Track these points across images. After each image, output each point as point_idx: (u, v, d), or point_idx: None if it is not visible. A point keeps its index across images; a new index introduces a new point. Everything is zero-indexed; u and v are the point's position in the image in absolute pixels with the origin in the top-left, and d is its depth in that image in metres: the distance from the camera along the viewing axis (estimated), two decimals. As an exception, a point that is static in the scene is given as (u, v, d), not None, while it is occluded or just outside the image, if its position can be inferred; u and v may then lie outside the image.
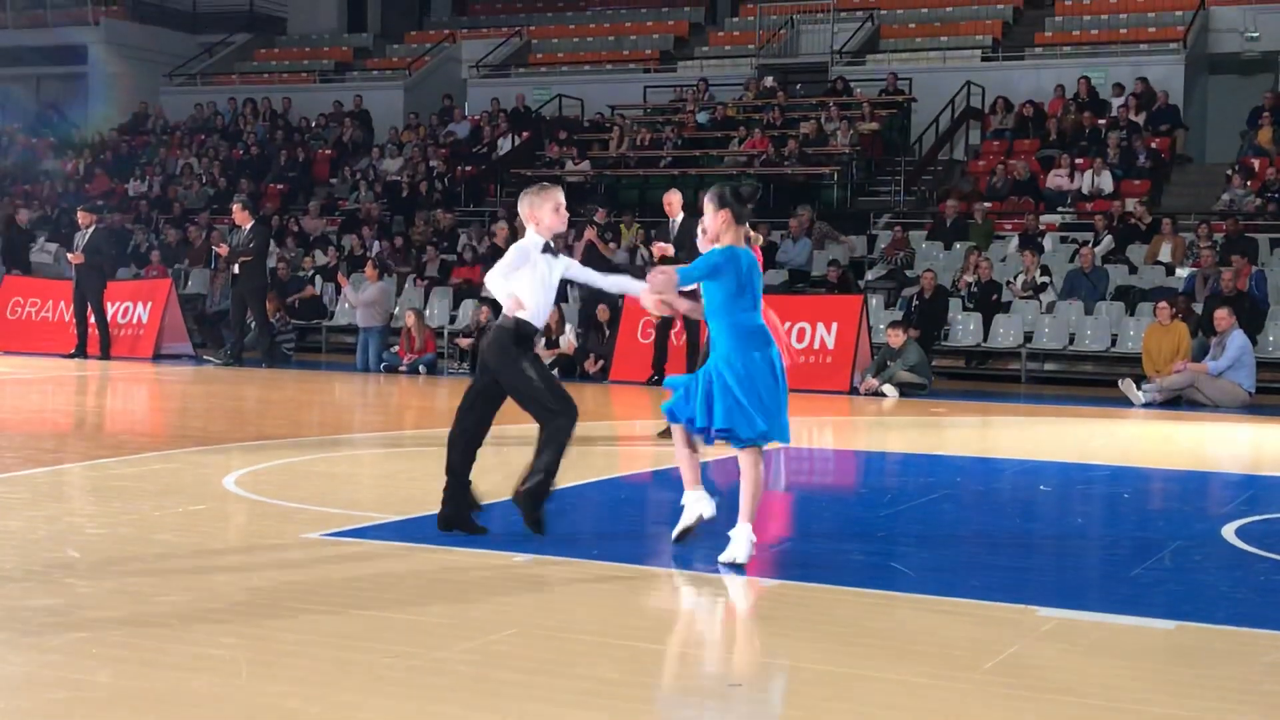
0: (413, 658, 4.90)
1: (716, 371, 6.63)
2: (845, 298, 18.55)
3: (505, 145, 28.72)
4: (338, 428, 12.31)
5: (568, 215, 7.40)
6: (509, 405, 7.32)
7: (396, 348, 19.73)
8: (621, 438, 12.80)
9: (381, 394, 16.76)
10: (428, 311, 21.91)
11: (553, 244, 7.29)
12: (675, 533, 6.91)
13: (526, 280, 7.19)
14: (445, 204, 26.67)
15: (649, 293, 6.99)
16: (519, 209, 7.35)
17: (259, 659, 4.85)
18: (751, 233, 7.51)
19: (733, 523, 6.58)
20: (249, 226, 19.56)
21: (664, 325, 16.77)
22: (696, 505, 6.92)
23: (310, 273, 24.11)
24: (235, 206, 20.18)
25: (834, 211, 23.89)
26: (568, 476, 9.50)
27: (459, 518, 7.27)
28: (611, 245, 20.44)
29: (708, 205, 6.82)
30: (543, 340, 18.91)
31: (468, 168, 28.28)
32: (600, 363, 18.49)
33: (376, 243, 25.02)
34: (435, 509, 7.42)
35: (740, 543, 6.50)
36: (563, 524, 7.73)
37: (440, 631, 5.26)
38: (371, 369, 19.61)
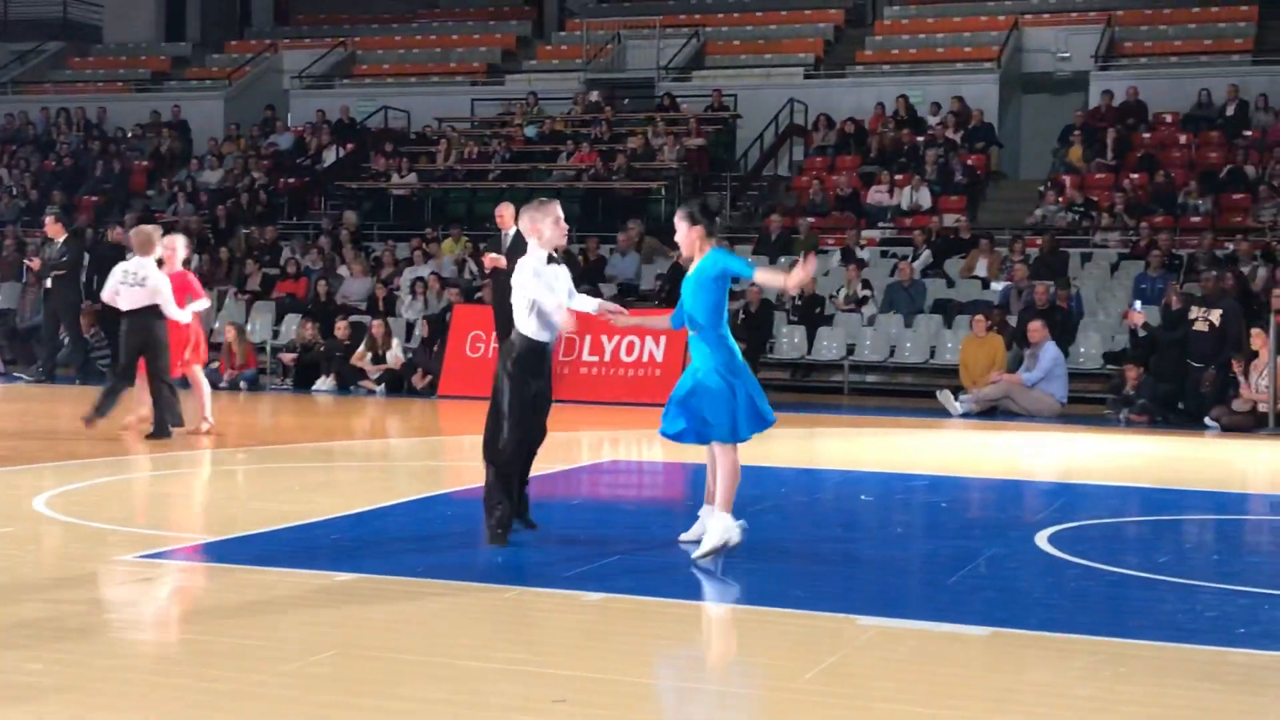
0: (229, 682, 4.79)
1: (728, 379, 7.11)
2: (670, 311, 18.68)
3: (330, 157, 28.34)
4: (155, 446, 12.00)
5: (568, 228, 7.58)
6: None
7: (216, 364, 19.31)
8: (448, 453, 12.70)
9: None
10: (249, 327, 21.49)
11: (555, 254, 7.48)
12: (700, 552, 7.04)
13: (530, 296, 7.40)
14: (267, 217, 26.22)
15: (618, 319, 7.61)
16: (520, 224, 7.52)
17: (68, 685, 4.69)
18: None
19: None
20: (61, 240, 19.00)
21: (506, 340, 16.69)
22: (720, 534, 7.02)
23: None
24: (48, 219, 19.58)
25: (661, 226, 24.03)
26: (390, 495, 9.40)
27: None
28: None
29: (679, 223, 7.14)
30: (369, 355, 18.68)
31: (291, 180, 27.84)
32: (429, 377, 18.34)
33: (196, 256, 24.48)
34: (253, 529, 7.27)
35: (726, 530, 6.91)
36: (386, 542, 7.64)
37: (257, 654, 5.16)
38: (191, 385, 19.15)
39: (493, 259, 16.18)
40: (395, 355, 18.74)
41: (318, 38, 34.14)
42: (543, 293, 7.34)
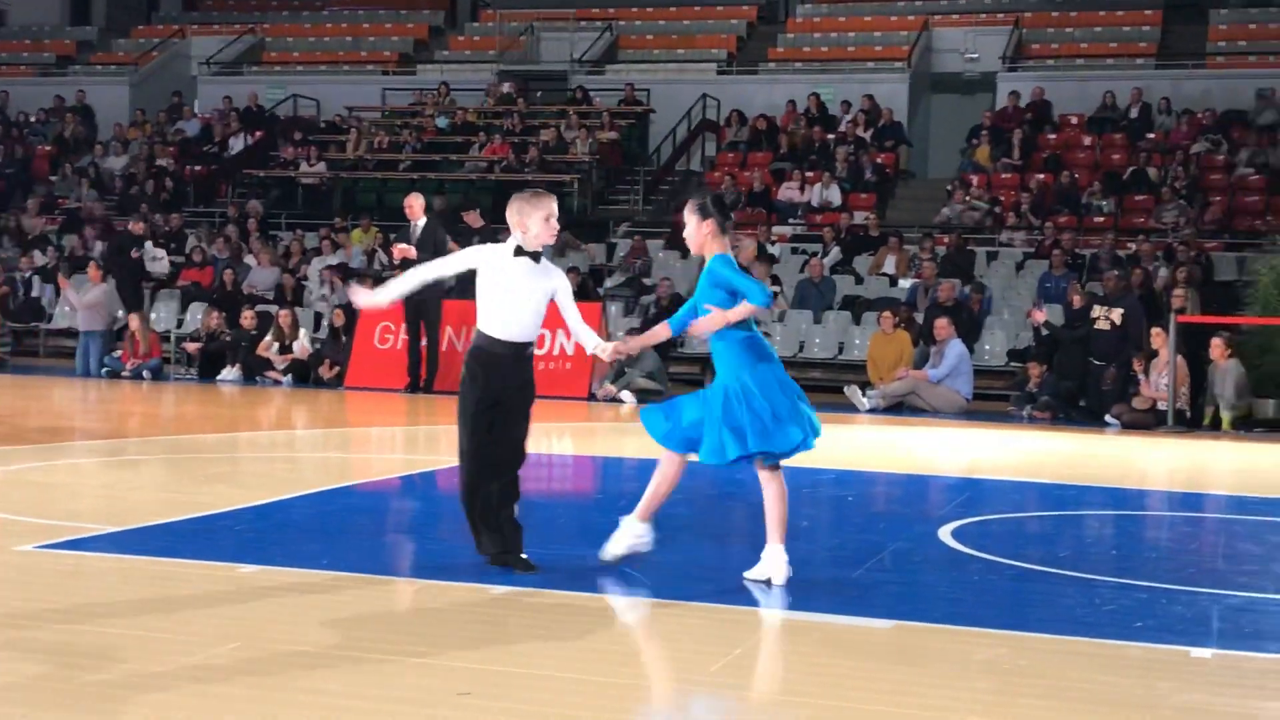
0: (131, 674, 4.72)
1: (738, 390, 6.45)
2: (584, 305, 18.57)
3: (237, 145, 28.02)
4: (56, 435, 11.80)
5: (558, 228, 6.78)
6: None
7: (119, 352, 19.03)
8: (355, 444, 12.60)
9: (103, 400, 16.15)
10: (153, 315, 21.20)
11: (531, 249, 6.70)
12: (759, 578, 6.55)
13: (491, 290, 6.69)
14: (173, 204, 25.86)
15: (700, 329, 6.63)
16: (507, 214, 6.74)
17: (-38, 679, 4.60)
18: (745, 241, 7.30)
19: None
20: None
21: (415, 331, 16.55)
22: (774, 566, 6.51)
23: (28, 274, 23.08)
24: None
25: (574, 219, 24.01)
26: (295, 486, 9.32)
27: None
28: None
29: (689, 216, 6.50)
30: (275, 345, 18.48)
31: (198, 167, 27.49)
32: (336, 368, 18.18)
33: (100, 243, 24.10)
34: (156, 519, 7.16)
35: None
36: (290, 534, 7.56)
37: (160, 646, 5.08)
38: (93, 374, 18.87)
39: (402, 249, 16.10)
40: (302, 345, 18.57)
41: (227, 24, 33.72)
42: (439, 264, 6.75)
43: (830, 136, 25.45)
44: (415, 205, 16.67)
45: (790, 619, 5.82)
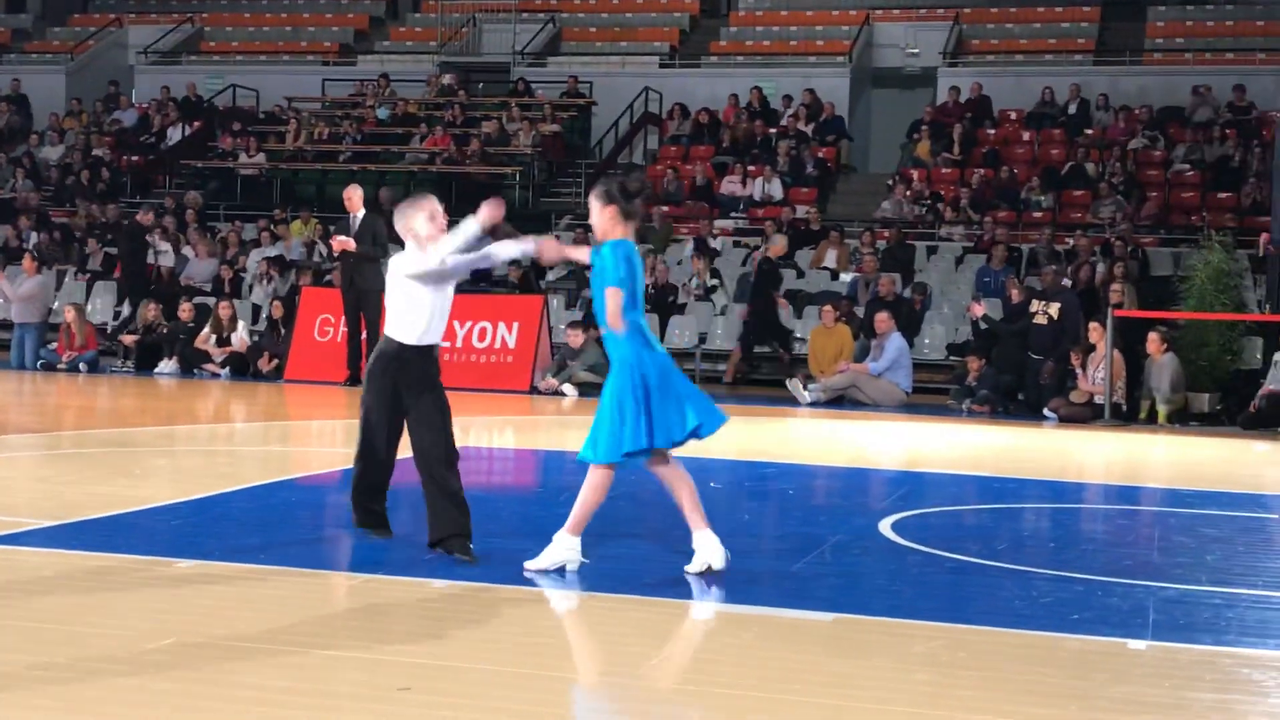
0: (64, 669, 4.67)
1: (635, 382, 6.37)
2: (526, 298, 18.62)
3: (175, 135, 27.76)
4: (-12, 428, 11.66)
5: (445, 221, 6.76)
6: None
7: (55, 344, 18.82)
8: (294, 438, 12.53)
9: (38, 393, 15.97)
10: (90, 307, 20.97)
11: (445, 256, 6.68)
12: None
13: (419, 298, 6.68)
14: (110, 194, 25.58)
15: (544, 252, 6.66)
16: (395, 227, 6.75)
17: (-108, 677, 4.54)
18: (776, 236, 7.07)
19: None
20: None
21: (355, 324, 16.43)
22: (709, 552, 6.47)
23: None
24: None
25: (516, 212, 23.94)
26: (233, 480, 9.25)
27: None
28: None
29: (593, 202, 6.39)
30: (213, 338, 18.33)
31: (135, 157, 27.21)
32: (275, 361, 18.06)
33: (34, 234, 23.81)
34: (91, 514, 7.09)
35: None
36: (228, 528, 7.51)
37: (94, 642, 5.04)
38: (28, 366, 18.65)
39: (341, 241, 16.05)
40: (240, 338, 18.43)
41: (164, 13, 33.38)
42: (426, 258, 6.64)
43: (772, 130, 25.52)
44: (354, 197, 16.58)
45: (729, 612, 5.84)
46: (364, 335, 16.88)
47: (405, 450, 6.93)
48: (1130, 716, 4.65)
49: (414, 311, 6.74)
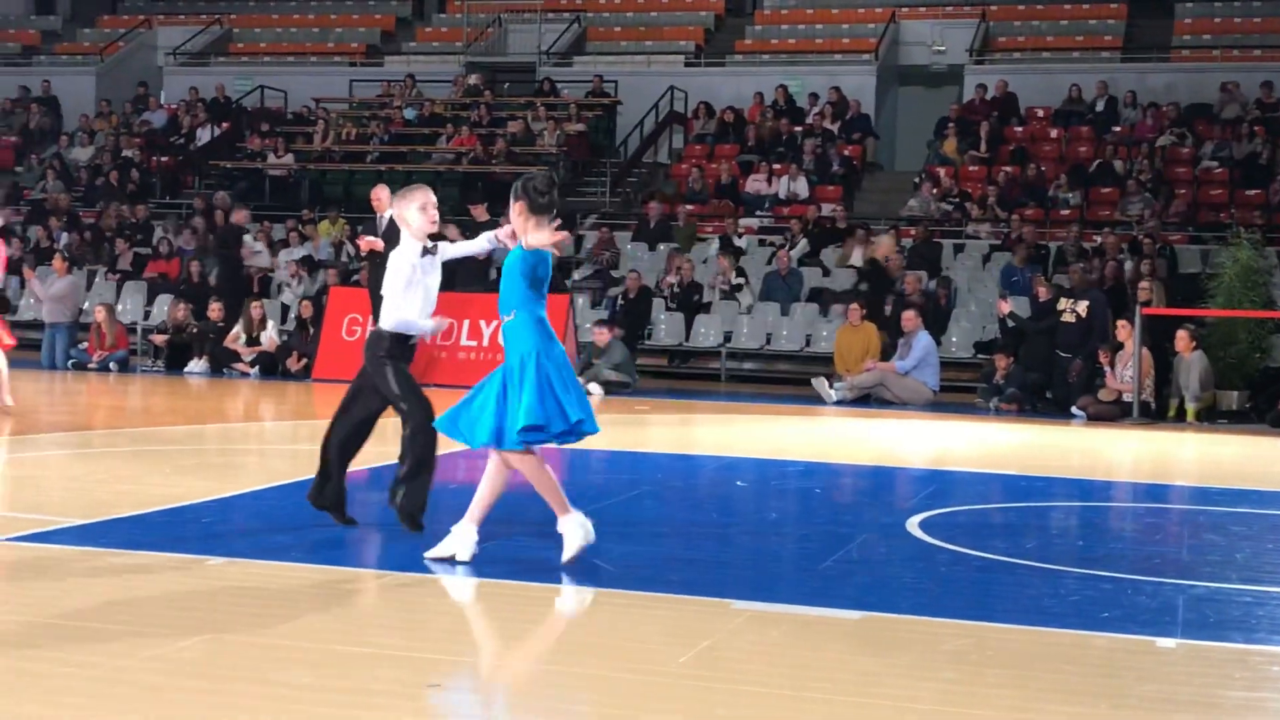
0: (95, 667, 4.70)
1: (526, 367, 6.42)
2: (551, 296, 18.59)
3: (204, 136, 27.87)
4: (22, 427, 11.72)
5: (437, 214, 7.21)
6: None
7: (85, 344, 18.92)
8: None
9: (69, 392, 16.05)
10: (120, 307, 21.07)
11: (429, 246, 7.15)
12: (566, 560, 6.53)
13: (414, 287, 7.14)
14: (140, 195, 25.70)
15: (504, 238, 6.86)
16: (395, 217, 7.22)
17: (-74, 673, 4.57)
18: (883, 237, 7.03)
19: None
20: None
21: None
22: (577, 533, 6.55)
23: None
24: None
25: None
26: (263, 478, 9.27)
27: (333, 502, 7.35)
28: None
29: (512, 200, 6.52)
30: (243, 337, 18.41)
31: (164, 158, 27.33)
32: (304, 360, 18.11)
33: (65, 234, 23.94)
34: (123, 512, 7.13)
35: (464, 541, 6.54)
36: (258, 526, 7.54)
37: (124, 639, 5.06)
38: (59, 366, 18.74)
39: (369, 241, 15.96)
40: (270, 337, 18.49)
41: (193, 14, 33.52)
42: (408, 308, 7.09)
43: (797, 129, 25.47)
44: (382, 197, 16.58)
45: (758, 611, 5.83)
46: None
47: (445, 446, 6.94)
48: (1160, 715, 4.63)
49: (426, 302, 7.19)
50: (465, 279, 17.29)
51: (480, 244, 7.30)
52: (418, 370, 16.92)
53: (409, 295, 7.14)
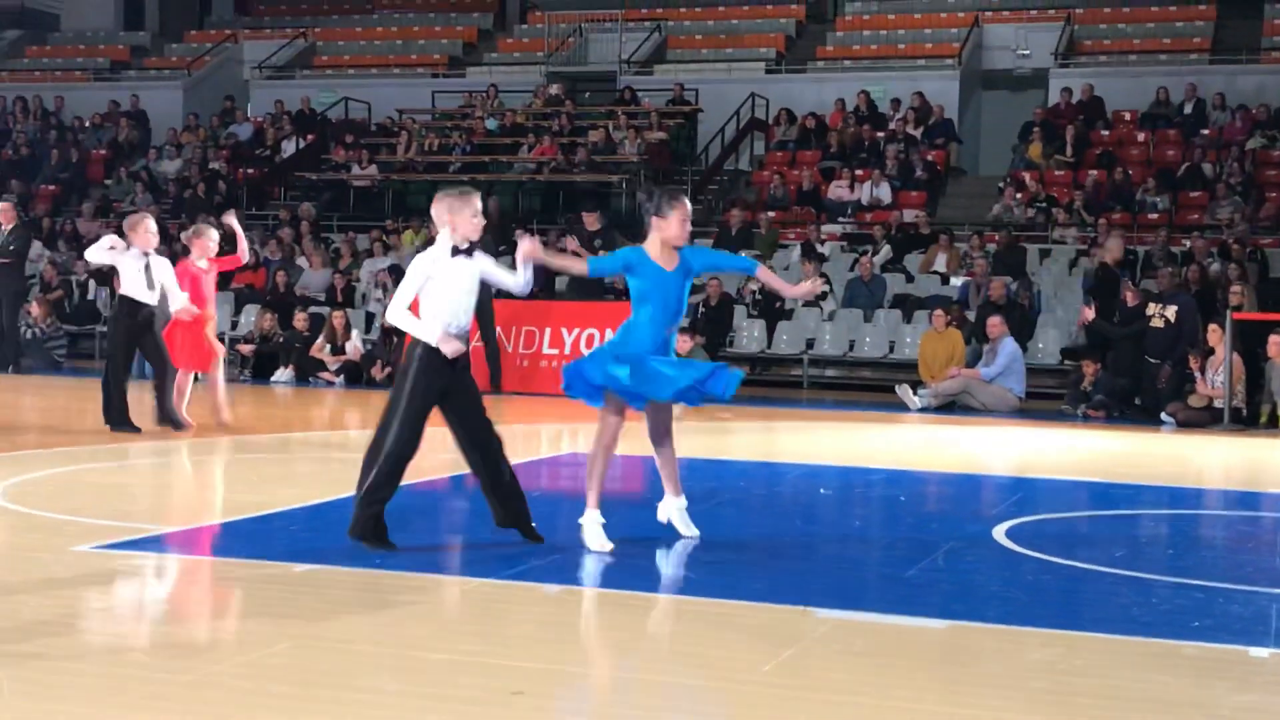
0: (187, 672, 4.77)
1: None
2: (612, 304, 18.64)
3: (289, 148, 28.21)
4: (112, 437, 11.92)
5: (484, 222, 7.20)
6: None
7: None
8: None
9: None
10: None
11: (463, 245, 7.08)
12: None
13: (437, 290, 7.02)
14: (226, 207, 26.05)
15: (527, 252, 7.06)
16: (434, 212, 7.13)
17: (27, 676, 4.66)
18: (1111, 241, 7.36)
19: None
20: (10, 227, 18.89)
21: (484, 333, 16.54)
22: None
23: (84, 277, 23.32)
24: (3, 206, 19.42)
25: (621, 220, 24.03)
26: (348, 486, 9.36)
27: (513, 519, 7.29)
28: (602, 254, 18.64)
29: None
30: (328, 346, 18.60)
31: (250, 170, 27.71)
32: (388, 369, 18.27)
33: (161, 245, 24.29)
34: (211, 520, 7.22)
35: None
36: (344, 533, 7.61)
37: (215, 645, 5.13)
38: (147, 376, 18.99)
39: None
40: (354, 346, 18.67)
41: (278, 28, 33.97)
42: (397, 316, 6.98)
43: (880, 134, 25.36)
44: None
45: (842, 619, 5.80)
46: (475, 342, 17.03)
47: (518, 457, 6.97)
48: (1254, 726, 4.55)
49: (453, 312, 7.04)
50: (582, 286, 17.27)
51: (518, 279, 7.22)
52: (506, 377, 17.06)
53: (425, 300, 7.04)
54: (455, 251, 7.05)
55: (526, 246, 7.16)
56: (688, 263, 7.19)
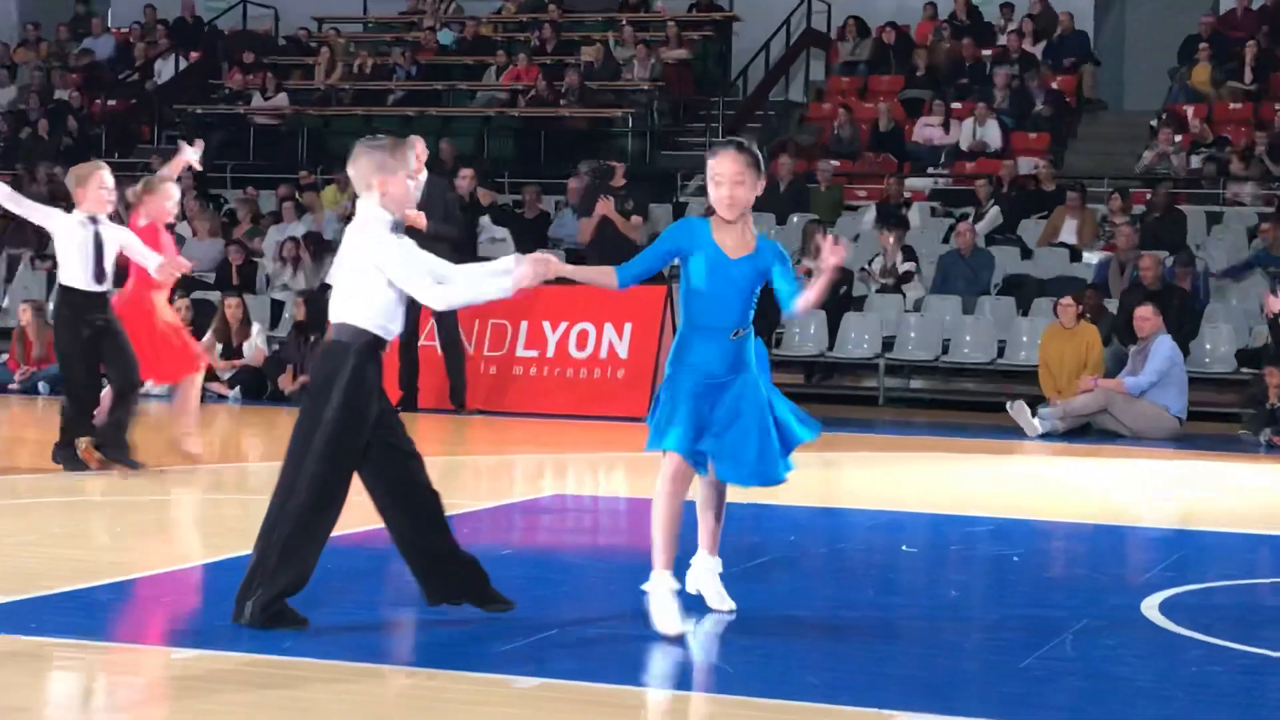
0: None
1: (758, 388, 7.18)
2: (642, 289, 18.63)
3: (165, 70, 28.25)
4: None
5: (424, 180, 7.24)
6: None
7: (5, 356, 19.23)
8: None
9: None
10: (51, 305, 21.39)
11: (399, 216, 7.14)
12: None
13: (377, 280, 7.02)
14: (78, 152, 26.10)
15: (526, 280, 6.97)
16: (354, 169, 7.18)
17: None
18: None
19: None
20: None
21: (415, 331, 16.53)
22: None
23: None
24: None
25: (629, 170, 24.02)
26: (240, 541, 9.36)
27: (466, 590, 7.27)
28: (636, 219, 19.04)
29: (742, 160, 7.43)
30: (218, 347, 18.59)
31: (111, 101, 27.75)
32: (301, 378, 18.29)
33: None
34: (64, 584, 7.23)
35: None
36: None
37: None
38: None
39: (409, 217, 16.05)
40: (256, 347, 18.69)
41: (150, -96, 34.00)
42: (417, 280, 7.00)
43: (985, 53, 25.36)
44: (420, 154, 16.65)
45: (934, 725, 5.82)
46: (430, 344, 17.01)
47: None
48: None
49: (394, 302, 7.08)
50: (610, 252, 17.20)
51: (494, 286, 7.16)
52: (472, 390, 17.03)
53: (357, 293, 7.13)
54: (396, 227, 7.07)
55: (539, 267, 7.04)
56: (764, 256, 7.19)
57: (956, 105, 24.17)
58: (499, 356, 17.65)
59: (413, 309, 7.46)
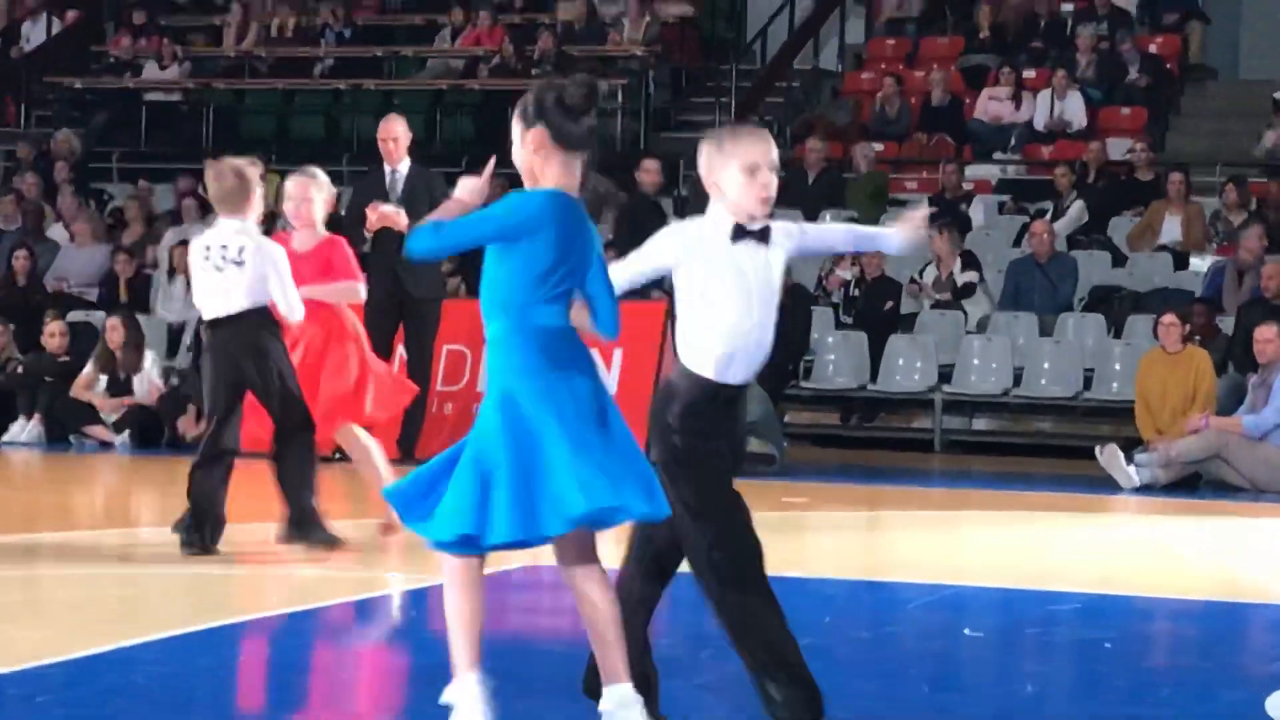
0: None
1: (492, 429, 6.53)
2: (638, 304, 18.65)
3: (36, 34, 28.28)
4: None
5: (769, 183, 7.44)
6: None
7: None
8: (238, 550, 12.62)
9: None
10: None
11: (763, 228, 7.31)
12: None
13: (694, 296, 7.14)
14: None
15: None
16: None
17: None
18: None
19: None
20: None
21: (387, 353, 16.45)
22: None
23: None
24: None
25: (616, 156, 24.04)
26: (137, 627, 9.37)
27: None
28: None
29: (515, 122, 6.61)
30: (102, 380, 18.51)
31: (-34, 73, 27.80)
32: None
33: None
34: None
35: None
36: (130, 706, 7.60)
37: None
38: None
39: (384, 214, 15.72)
40: (150, 381, 18.64)
41: None
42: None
43: (1067, 8, 25.41)
44: (399, 137, 16.53)
45: None
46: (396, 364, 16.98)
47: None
48: None
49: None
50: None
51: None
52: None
53: None
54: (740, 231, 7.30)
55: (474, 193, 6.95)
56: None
57: (1029, 74, 24.21)
58: (455, 391, 17.58)
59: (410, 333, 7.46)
